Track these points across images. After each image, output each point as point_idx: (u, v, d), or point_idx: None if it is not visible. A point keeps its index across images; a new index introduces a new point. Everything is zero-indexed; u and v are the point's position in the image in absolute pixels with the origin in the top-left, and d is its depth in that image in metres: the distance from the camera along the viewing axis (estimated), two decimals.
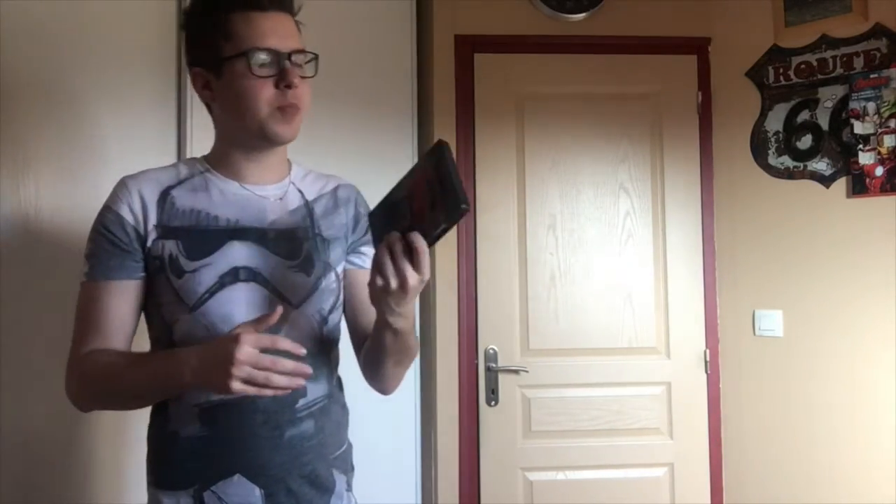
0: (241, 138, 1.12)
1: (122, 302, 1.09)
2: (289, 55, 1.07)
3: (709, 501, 2.32)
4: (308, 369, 0.96)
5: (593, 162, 2.37)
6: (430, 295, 2.29)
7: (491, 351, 2.30)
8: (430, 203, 0.92)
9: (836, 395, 2.16)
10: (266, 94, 1.06)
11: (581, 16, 2.37)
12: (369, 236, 1.12)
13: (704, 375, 2.35)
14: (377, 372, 1.18)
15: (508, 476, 2.28)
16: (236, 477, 1.07)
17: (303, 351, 0.98)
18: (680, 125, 2.39)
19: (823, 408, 2.18)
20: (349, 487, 1.21)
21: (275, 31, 1.07)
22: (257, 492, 1.08)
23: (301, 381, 0.95)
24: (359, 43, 2.21)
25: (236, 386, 0.91)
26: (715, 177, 2.40)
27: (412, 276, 0.93)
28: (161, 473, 1.11)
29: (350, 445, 1.23)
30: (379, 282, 0.95)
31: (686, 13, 2.41)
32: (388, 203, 1.01)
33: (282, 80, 1.06)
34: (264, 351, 0.93)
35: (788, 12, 2.28)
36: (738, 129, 2.37)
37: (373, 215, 1.04)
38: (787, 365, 2.24)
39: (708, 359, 2.34)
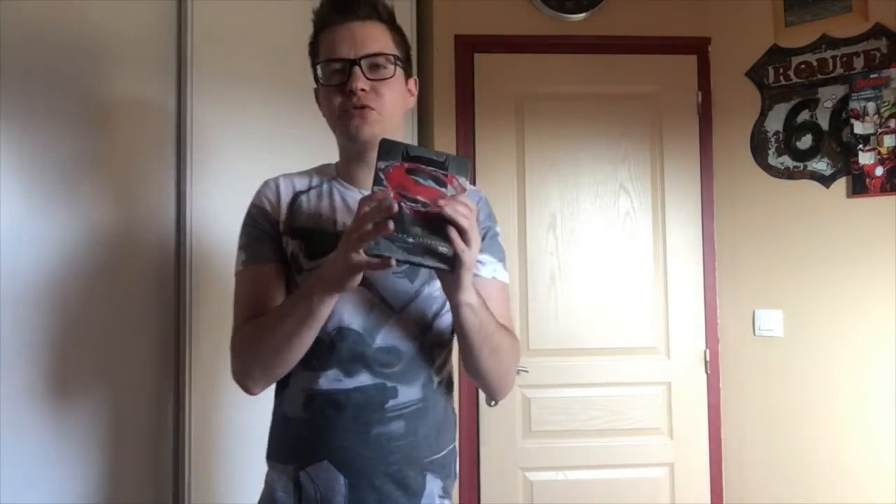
0: (344, 144, 1.22)
1: (278, 283, 1.18)
2: (356, 61, 1.12)
3: (709, 501, 2.32)
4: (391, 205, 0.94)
5: (593, 162, 2.37)
6: None
7: None
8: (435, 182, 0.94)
9: (836, 395, 2.16)
10: (336, 100, 1.14)
11: (581, 16, 2.37)
12: (487, 243, 1.20)
13: (704, 375, 2.35)
14: (477, 368, 1.16)
15: (508, 476, 2.29)
16: (325, 463, 1.13)
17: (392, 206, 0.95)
18: (680, 125, 2.39)
19: (823, 408, 2.18)
20: (444, 494, 1.19)
21: (346, 40, 1.14)
22: (342, 480, 1.13)
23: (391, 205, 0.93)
24: None
25: (357, 256, 0.95)
26: (715, 177, 2.40)
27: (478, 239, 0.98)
28: (273, 448, 1.22)
29: (453, 451, 1.23)
30: (465, 256, 0.95)
31: (686, 13, 2.41)
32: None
33: (346, 86, 1.12)
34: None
35: (788, 12, 2.28)
36: (738, 129, 2.37)
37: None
38: (787, 365, 2.24)
39: (708, 359, 2.34)
